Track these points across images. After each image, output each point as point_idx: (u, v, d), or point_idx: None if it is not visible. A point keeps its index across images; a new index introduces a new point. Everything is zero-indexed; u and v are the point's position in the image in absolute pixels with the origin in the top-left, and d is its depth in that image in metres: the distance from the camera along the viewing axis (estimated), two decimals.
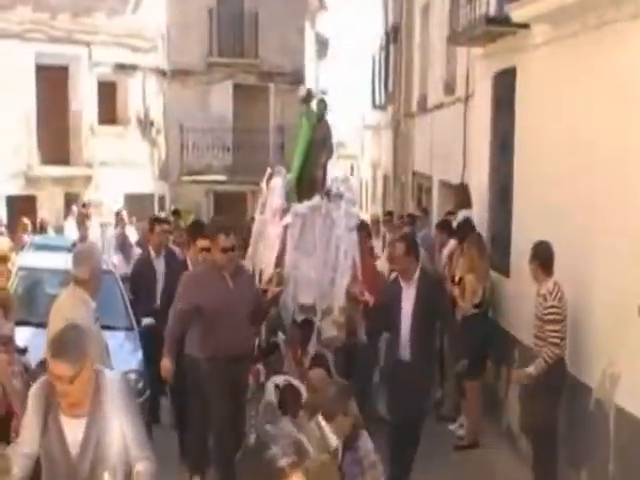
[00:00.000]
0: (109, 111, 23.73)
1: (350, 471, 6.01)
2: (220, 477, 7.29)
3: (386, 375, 8.36)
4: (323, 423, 5.68)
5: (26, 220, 16.78)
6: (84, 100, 22.48)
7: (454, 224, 10.87)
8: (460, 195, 11.74)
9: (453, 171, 13.35)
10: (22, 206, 19.51)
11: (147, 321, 9.21)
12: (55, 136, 21.91)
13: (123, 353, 8.29)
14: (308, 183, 9.15)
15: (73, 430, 4.08)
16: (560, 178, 7.82)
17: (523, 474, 7.92)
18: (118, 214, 16.80)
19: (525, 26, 8.68)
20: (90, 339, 4.06)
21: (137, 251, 13.01)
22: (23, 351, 7.36)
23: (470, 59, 12.02)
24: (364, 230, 9.57)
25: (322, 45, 33.62)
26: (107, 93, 23.41)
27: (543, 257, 7.19)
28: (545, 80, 8.39)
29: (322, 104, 9.64)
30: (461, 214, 11.13)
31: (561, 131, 7.87)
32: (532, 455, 7.44)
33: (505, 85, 9.81)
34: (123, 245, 14.27)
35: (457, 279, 9.32)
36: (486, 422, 9.51)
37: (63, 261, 6.25)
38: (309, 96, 9.72)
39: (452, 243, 10.34)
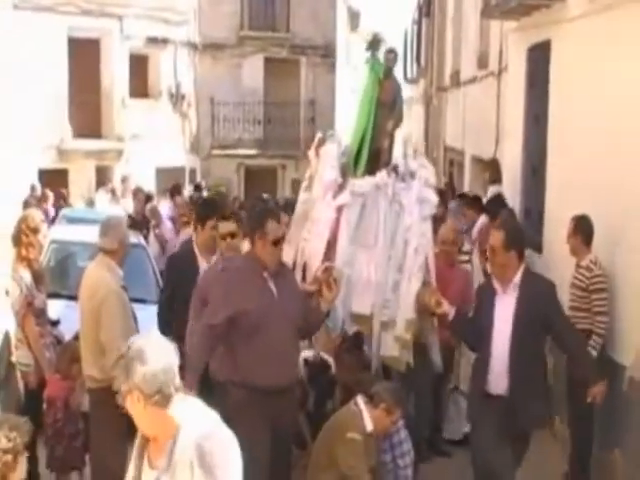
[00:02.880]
0: (141, 84, 23.78)
1: (381, 458, 6.02)
2: None
3: (471, 414, 6.33)
4: (363, 406, 5.68)
5: (49, 192, 16.93)
6: (116, 73, 22.52)
7: (484, 200, 10.78)
8: (491, 170, 11.63)
9: (485, 146, 13.23)
10: (54, 179, 19.64)
11: None
12: (87, 109, 21.99)
13: (153, 326, 8.32)
14: (371, 154, 7.08)
15: None
16: (596, 152, 7.71)
17: (555, 452, 7.88)
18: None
19: None
20: (148, 364, 3.12)
21: (168, 225, 13.04)
22: (55, 323, 7.44)
23: (504, 33, 11.87)
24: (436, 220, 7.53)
25: (354, 18, 33.43)
26: (139, 66, 23.45)
27: (585, 231, 7.16)
28: (581, 53, 8.26)
29: (392, 55, 7.29)
30: (491, 190, 11.04)
31: (597, 105, 7.76)
32: (570, 435, 7.37)
33: (539, 59, 9.68)
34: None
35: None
36: None
37: (95, 234, 6.29)
38: (376, 42, 7.42)
39: (483, 219, 10.26)
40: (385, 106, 7.19)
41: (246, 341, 5.40)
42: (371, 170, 6.89)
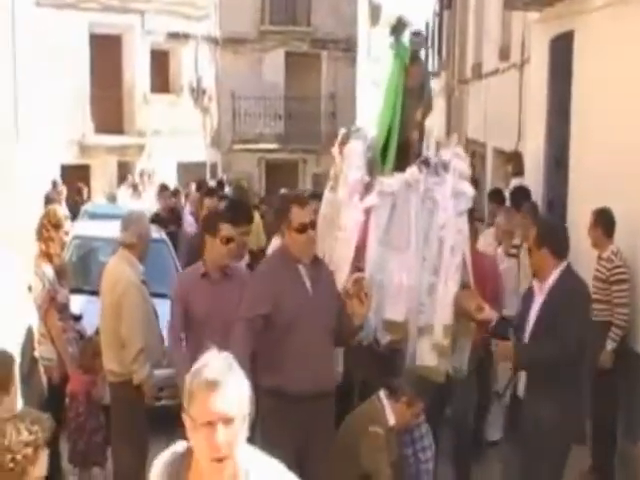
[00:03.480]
0: (162, 80, 23.87)
1: (402, 452, 5.99)
2: None
3: (506, 415, 6.22)
4: (385, 401, 5.66)
5: (61, 187, 17.01)
6: (137, 69, 22.62)
7: (506, 192, 10.70)
8: (513, 162, 11.55)
9: (508, 138, 13.14)
10: (76, 175, 19.73)
11: None
12: (108, 105, 22.09)
13: None
14: (400, 148, 6.48)
15: None
16: (619, 144, 7.64)
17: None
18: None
19: None
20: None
21: (189, 219, 13.06)
22: (78, 318, 7.46)
23: (526, 24, 11.78)
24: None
25: (375, 11, 33.32)
26: (160, 62, 23.54)
27: (605, 223, 7.09)
28: (605, 44, 8.18)
29: (418, 38, 6.74)
30: (514, 182, 10.97)
31: (621, 97, 7.68)
32: (593, 428, 7.30)
33: (562, 50, 9.60)
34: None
35: None
36: None
37: (117, 230, 6.32)
38: (401, 25, 6.75)
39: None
40: (412, 94, 6.59)
41: (278, 341, 5.04)
42: (400, 164, 6.31)
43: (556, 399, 5.19)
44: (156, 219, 12.34)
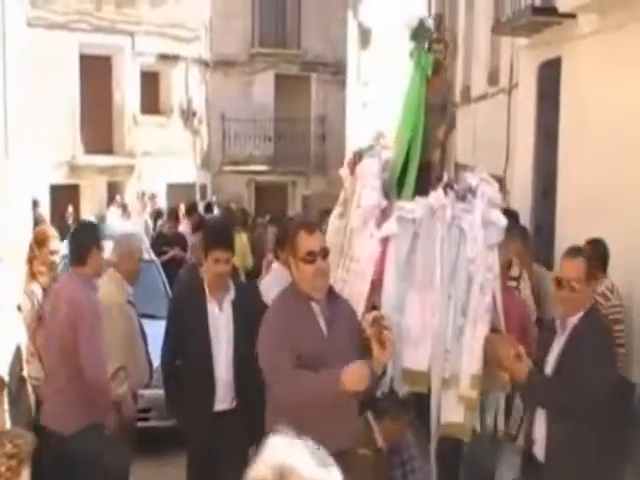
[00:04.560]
0: (152, 101, 23.93)
1: (392, 473, 6.00)
2: None
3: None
4: (372, 422, 5.68)
5: (40, 209, 17.07)
6: (127, 90, 22.68)
7: None
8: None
9: (496, 163, 13.21)
10: (65, 195, 19.73)
11: None
12: (98, 126, 22.14)
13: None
14: (420, 170, 5.53)
15: None
16: (608, 170, 7.71)
17: None
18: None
19: (572, 16, 8.57)
20: None
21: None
22: None
23: (515, 49, 11.89)
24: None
25: (364, 34, 33.53)
26: (150, 83, 23.61)
27: (600, 256, 6.85)
28: (592, 71, 8.27)
29: (441, 46, 5.75)
30: None
31: (608, 122, 7.76)
32: None
33: (550, 76, 9.70)
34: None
35: None
36: None
37: (106, 250, 6.34)
38: (423, 30, 5.68)
39: None
40: (434, 109, 5.68)
41: None
42: (420, 189, 5.42)
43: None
44: (159, 237, 12.51)
